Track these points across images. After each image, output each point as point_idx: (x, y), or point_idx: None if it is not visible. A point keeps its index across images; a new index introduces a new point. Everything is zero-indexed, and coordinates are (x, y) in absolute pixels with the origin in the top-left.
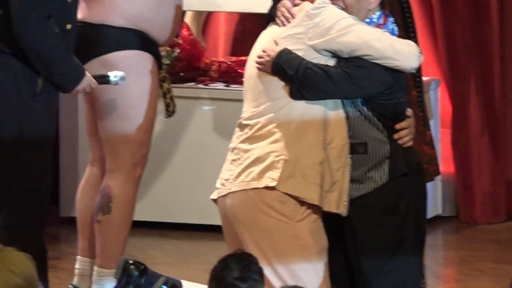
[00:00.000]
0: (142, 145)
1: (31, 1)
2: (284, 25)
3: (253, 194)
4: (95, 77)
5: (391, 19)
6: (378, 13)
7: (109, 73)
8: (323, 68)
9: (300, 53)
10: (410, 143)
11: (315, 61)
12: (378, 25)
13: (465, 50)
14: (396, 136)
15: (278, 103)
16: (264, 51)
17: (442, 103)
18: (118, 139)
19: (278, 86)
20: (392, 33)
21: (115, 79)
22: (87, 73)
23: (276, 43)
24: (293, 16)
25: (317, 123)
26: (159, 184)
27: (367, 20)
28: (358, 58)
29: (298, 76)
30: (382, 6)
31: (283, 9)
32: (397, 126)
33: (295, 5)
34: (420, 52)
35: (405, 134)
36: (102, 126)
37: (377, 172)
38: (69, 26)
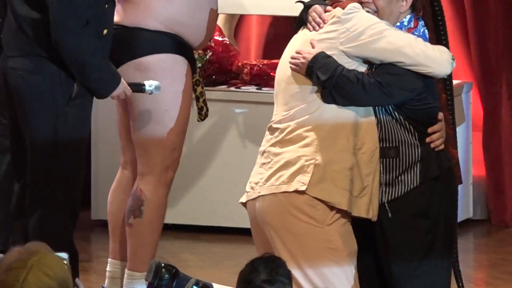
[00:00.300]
0: (175, 149)
1: (70, 7)
2: (315, 30)
3: (283, 197)
4: (130, 84)
5: (421, 23)
6: (408, 16)
7: (145, 82)
8: (357, 76)
9: None
10: (441, 147)
11: (346, 66)
12: (409, 29)
13: (497, 53)
14: (428, 139)
15: (309, 107)
16: (299, 53)
17: (473, 106)
18: (150, 143)
19: (309, 90)
20: (423, 37)
21: (150, 88)
22: (123, 80)
23: (312, 45)
24: (324, 21)
25: (348, 128)
26: (190, 187)
27: (398, 24)
28: (390, 65)
29: (331, 82)
30: (412, 9)
31: (314, 14)
32: (429, 130)
33: (326, 10)
34: (453, 58)
35: (437, 138)
36: (135, 129)
37: (409, 175)
38: (105, 31)
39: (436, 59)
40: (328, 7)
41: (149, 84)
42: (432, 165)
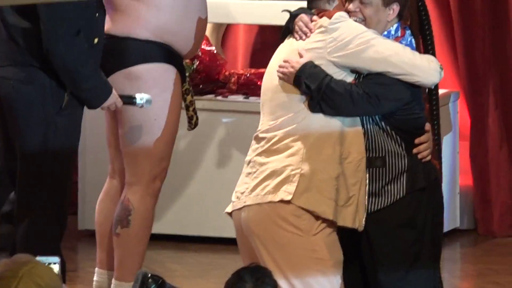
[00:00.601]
0: (163, 159)
1: (61, 16)
2: (301, 39)
3: (268, 207)
4: (121, 96)
5: (409, 32)
6: (395, 25)
7: (136, 95)
8: (345, 86)
9: None
10: (428, 158)
11: (334, 75)
12: (396, 38)
13: (485, 63)
14: (415, 150)
15: (296, 117)
16: (287, 62)
17: (461, 115)
18: (139, 152)
19: (296, 100)
20: (410, 46)
21: (141, 101)
22: (114, 91)
23: (300, 55)
24: (311, 31)
25: (334, 138)
26: (177, 196)
27: (385, 32)
28: (377, 74)
29: (319, 91)
30: (399, 18)
31: (300, 23)
32: (416, 141)
33: (312, 20)
34: (441, 68)
35: (424, 149)
36: (124, 139)
37: (395, 185)
38: (96, 40)
39: (424, 68)
40: (314, 17)
41: (140, 97)
42: (419, 176)
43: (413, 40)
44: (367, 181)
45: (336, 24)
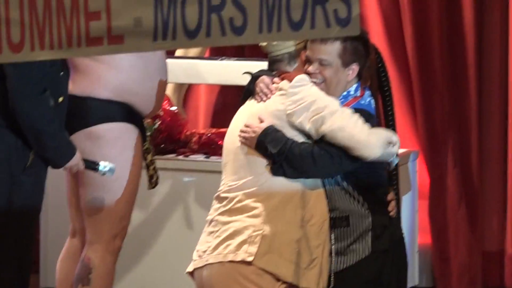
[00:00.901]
0: (123, 217)
1: (27, 75)
2: (262, 100)
3: (230, 266)
4: (85, 160)
5: (368, 92)
6: (355, 85)
7: (100, 162)
8: (307, 149)
9: None
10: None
11: (295, 138)
12: (355, 98)
13: (443, 123)
14: (390, 208)
15: (258, 179)
16: (248, 126)
17: (420, 174)
18: (99, 211)
19: (258, 162)
20: (369, 107)
21: (104, 169)
22: (78, 153)
23: (261, 120)
24: (271, 92)
25: (296, 201)
26: (138, 255)
27: (344, 93)
28: None
29: (281, 155)
30: (359, 77)
31: (262, 85)
32: (389, 197)
33: (274, 82)
34: (392, 143)
35: (394, 206)
36: (84, 198)
37: (360, 244)
38: (61, 99)
39: (362, 143)
40: (276, 79)
41: (104, 165)
42: (384, 235)
43: (372, 100)
44: (333, 241)
45: (296, 88)
